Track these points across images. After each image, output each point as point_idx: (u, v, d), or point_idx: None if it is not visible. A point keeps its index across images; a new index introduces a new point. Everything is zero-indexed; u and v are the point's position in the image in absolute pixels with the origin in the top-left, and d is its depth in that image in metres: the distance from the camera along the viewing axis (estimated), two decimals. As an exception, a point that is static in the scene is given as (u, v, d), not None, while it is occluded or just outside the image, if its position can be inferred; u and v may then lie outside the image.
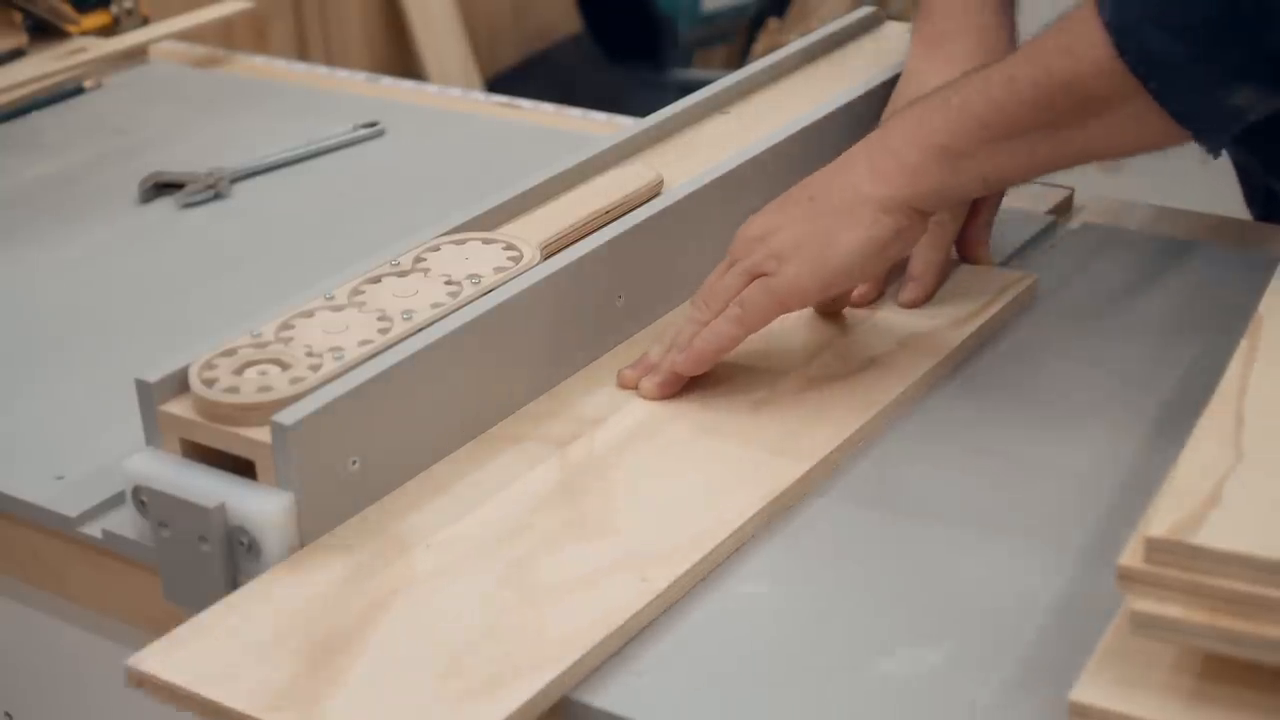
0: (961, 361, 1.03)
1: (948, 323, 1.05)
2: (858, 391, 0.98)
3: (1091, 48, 0.89)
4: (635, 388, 0.99)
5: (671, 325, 1.02)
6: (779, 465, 0.91)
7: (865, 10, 1.43)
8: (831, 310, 1.06)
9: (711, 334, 0.97)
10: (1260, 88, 0.87)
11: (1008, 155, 0.95)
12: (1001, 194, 1.12)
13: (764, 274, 0.97)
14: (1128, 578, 0.69)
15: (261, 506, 0.83)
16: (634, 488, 0.90)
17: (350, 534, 0.86)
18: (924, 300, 1.07)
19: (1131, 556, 0.69)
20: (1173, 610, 0.68)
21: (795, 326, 1.04)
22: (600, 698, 0.76)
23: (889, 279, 1.08)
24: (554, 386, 0.99)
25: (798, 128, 1.16)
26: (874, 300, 1.07)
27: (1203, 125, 0.90)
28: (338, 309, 0.94)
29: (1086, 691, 0.70)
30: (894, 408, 0.97)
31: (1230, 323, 1.03)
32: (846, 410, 0.96)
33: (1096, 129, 0.92)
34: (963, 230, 1.11)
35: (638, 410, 0.97)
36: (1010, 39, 1.13)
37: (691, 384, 0.98)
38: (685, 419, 0.96)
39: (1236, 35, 0.86)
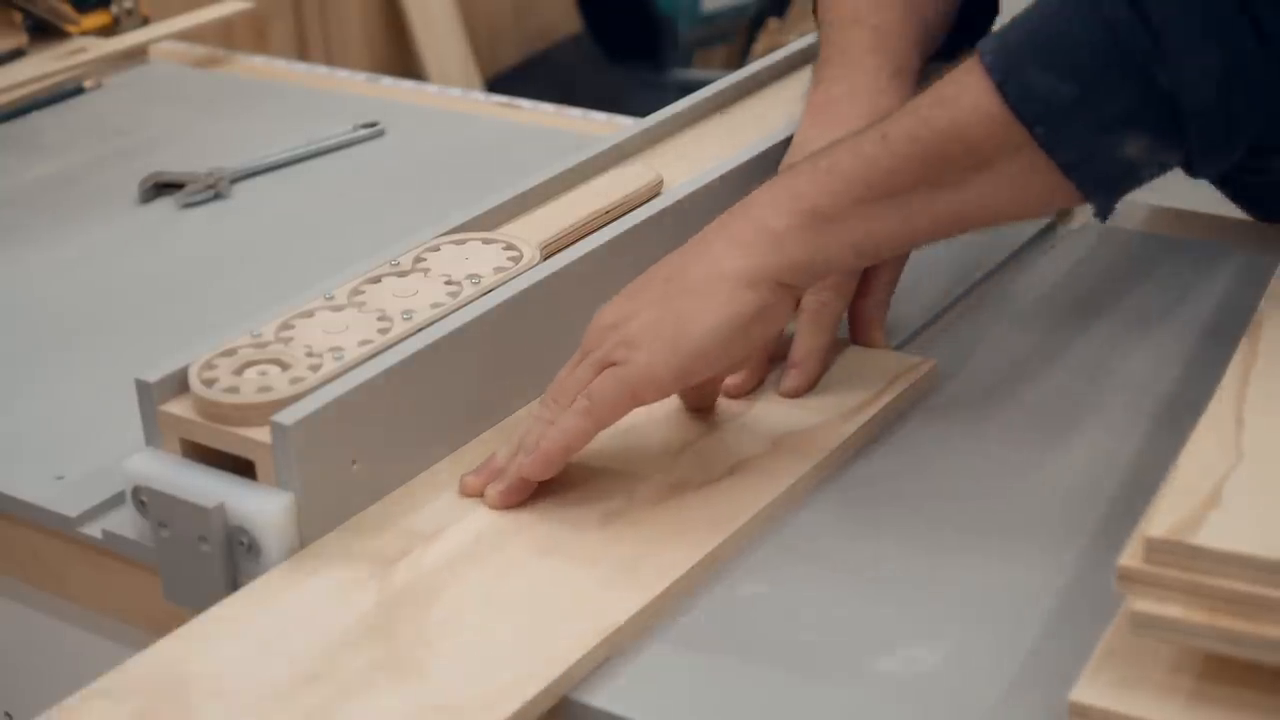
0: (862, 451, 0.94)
1: (832, 416, 0.94)
2: (719, 502, 0.88)
3: (973, 94, 0.84)
4: (480, 495, 0.88)
5: (521, 422, 0.92)
6: (615, 598, 0.80)
7: (865, 10, 1.43)
8: (700, 404, 0.95)
9: (559, 431, 0.86)
10: (1152, 135, 0.83)
11: (880, 220, 0.87)
12: (899, 268, 1.01)
13: (614, 363, 0.87)
14: (1127, 578, 0.69)
15: (261, 506, 0.83)
16: (454, 622, 0.79)
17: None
18: (806, 389, 0.96)
19: (1131, 556, 0.69)
20: (1172, 610, 0.68)
21: (659, 423, 0.94)
22: (600, 698, 0.76)
23: (769, 366, 0.98)
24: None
25: (797, 127, 1.15)
26: (751, 391, 0.97)
27: (1091, 178, 0.84)
28: (338, 309, 0.94)
29: (1086, 692, 0.70)
30: (758, 523, 0.87)
31: (1230, 323, 1.04)
32: (704, 526, 0.86)
33: (978, 187, 0.85)
34: (854, 308, 1.00)
35: (478, 521, 0.86)
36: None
37: (542, 490, 0.88)
38: (527, 533, 0.86)
39: (1126, 74, 0.81)
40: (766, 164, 1.12)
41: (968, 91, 0.84)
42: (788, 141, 1.14)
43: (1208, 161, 0.84)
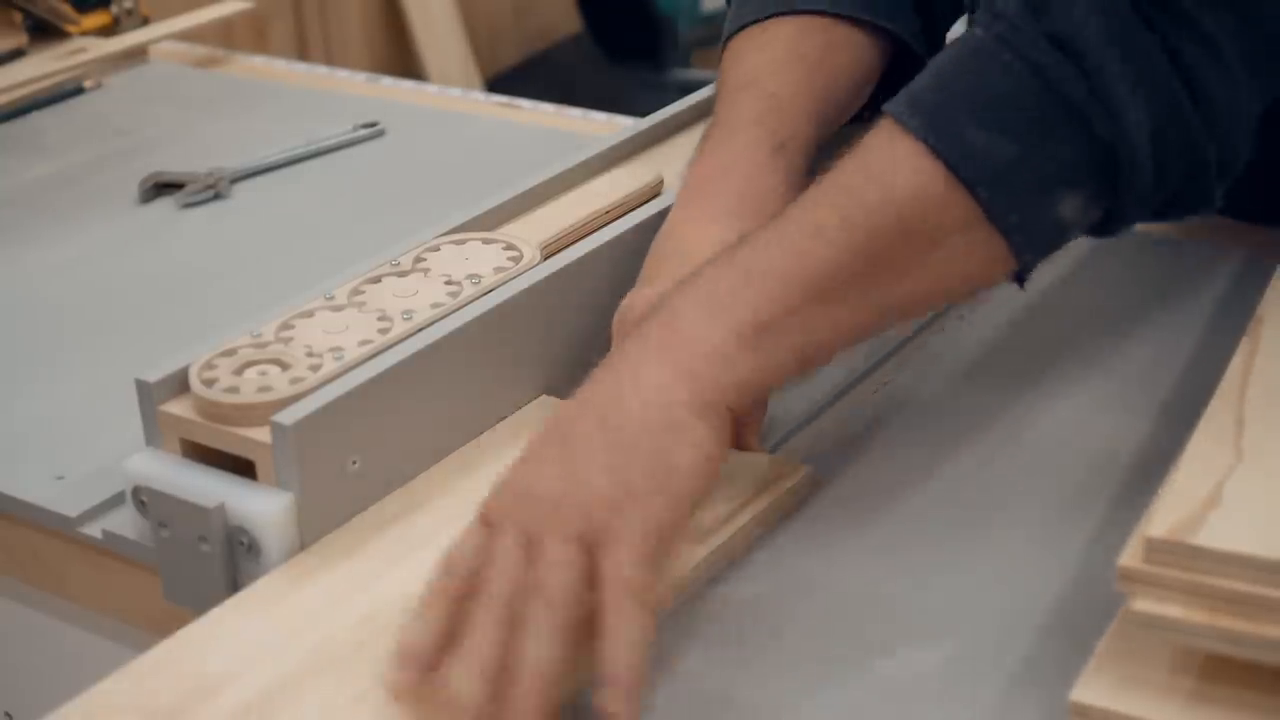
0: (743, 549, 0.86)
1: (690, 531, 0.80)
2: None
3: (907, 162, 0.78)
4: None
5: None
6: None
7: (865, 10, 1.43)
8: None
9: (633, 646, 0.71)
10: (1089, 190, 0.80)
11: (827, 320, 0.79)
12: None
13: (605, 535, 0.73)
14: (1128, 578, 0.69)
15: (261, 506, 0.83)
16: None
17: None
18: None
19: (1131, 556, 0.69)
20: (1172, 610, 0.68)
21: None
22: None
23: None
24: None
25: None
26: None
27: (1029, 242, 0.80)
28: (338, 309, 0.94)
29: (1086, 691, 0.70)
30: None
31: (1230, 322, 1.04)
32: None
33: (926, 268, 0.79)
34: None
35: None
36: (788, 184, 0.94)
37: None
38: None
39: (1066, 124, 0.78)
40: (766, 164, 1.12)
41: (900, 160, 0.78)
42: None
43: (1131, 217, 0.83)
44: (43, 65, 1.55)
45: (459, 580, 0.74)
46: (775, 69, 0.98)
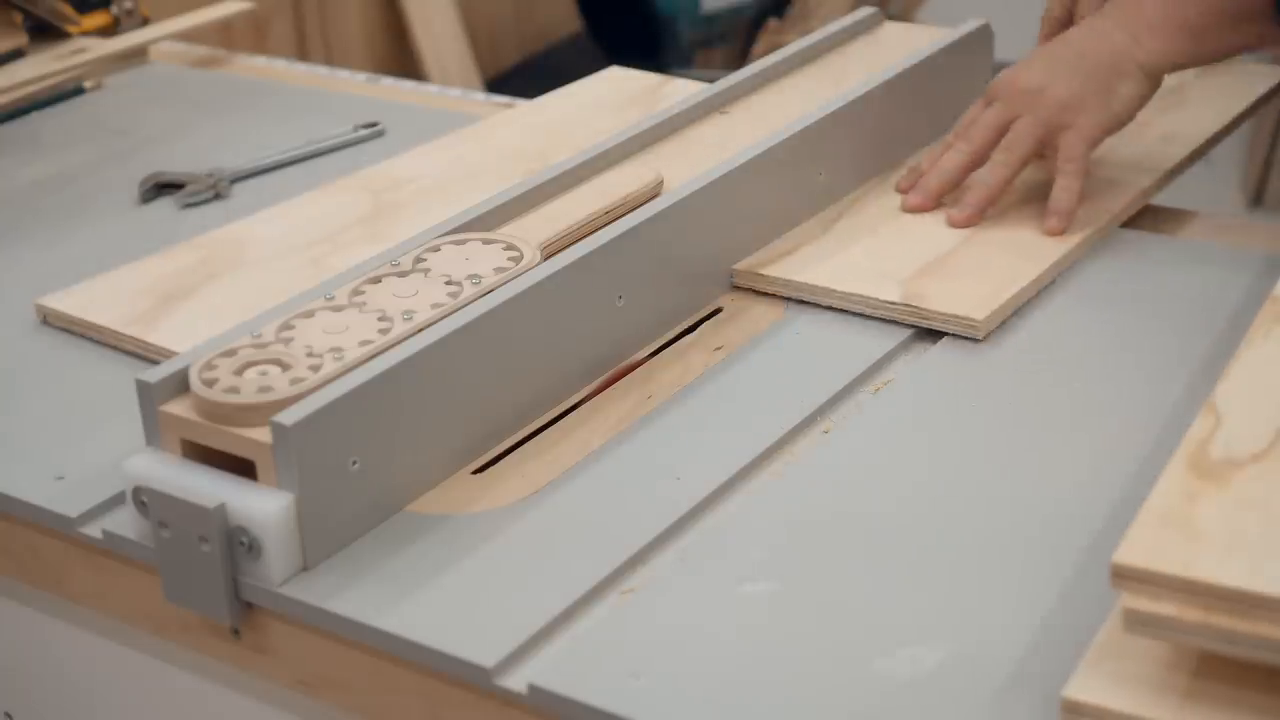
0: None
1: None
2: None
3: None
4: (912, 210, 1.16)
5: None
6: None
7: (865, 11, 1.43)
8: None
9: (1071, 193, 1.13)
10: None
11: (1235, 34, 1.11)
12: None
13: (1063, 126, 1.13)
14: (1122, 575, 0.69)
15: (261, 506, 0.83)
16: None
17: None
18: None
19: (1126, 554, 0.69)
20: (1166, 608, 0.68)
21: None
22: (600, 698, 0.77)
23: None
24: (555, 387, 0.99)
25: (798, 128, 1.16)
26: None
27: None
28: (338, 309, 0.94)
29: (1080, 689, 0.70)
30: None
31: (1230, 323, 1.04)
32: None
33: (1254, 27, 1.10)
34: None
35: None
36: None
37: None
38: None
39: None
40: (767, 164, 1.12)
41: None
42: (788, 141, 1.14)
43: None
44: (43, 65, 1.55)
45: (957, 136, 1.18)
46: None
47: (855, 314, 1.08)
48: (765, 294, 1.11)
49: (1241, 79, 1.36)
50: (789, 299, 1.10)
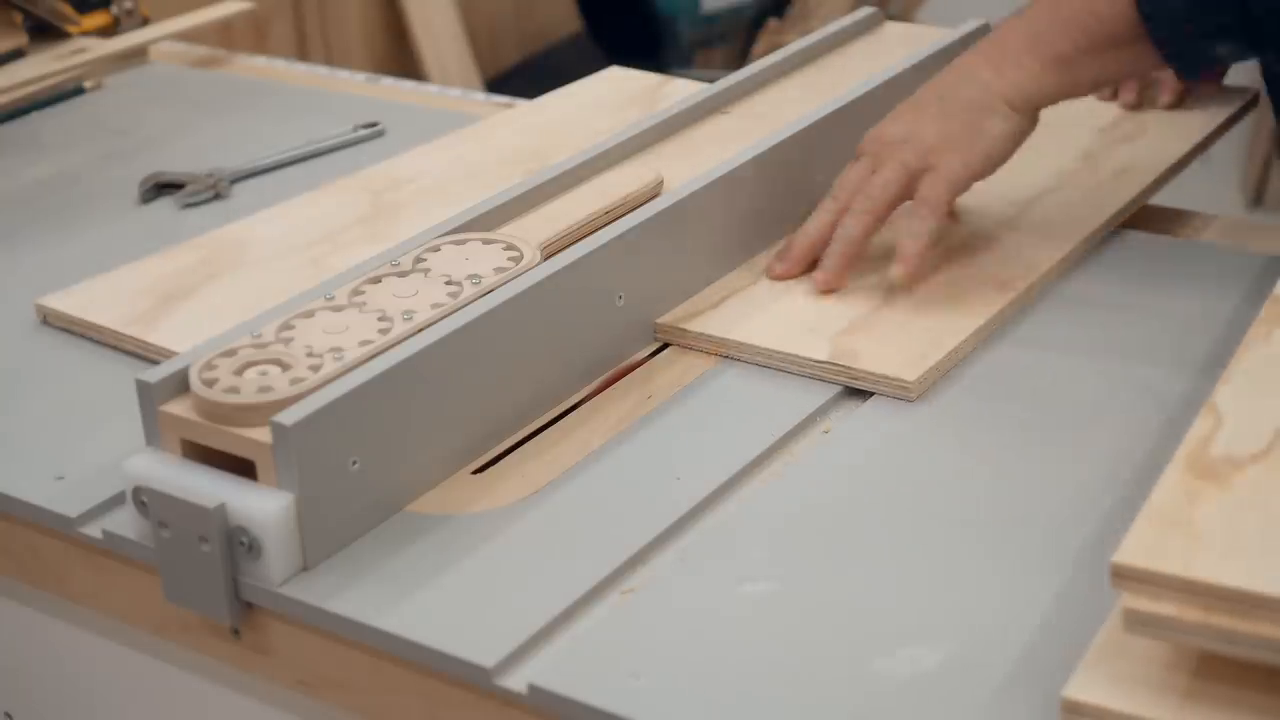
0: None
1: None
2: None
3: None
4: (780, 278, 1.09)
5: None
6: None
7: (865, 11, 1.43)
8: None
9: (918, 236, 1.06)
10: (1238, 45, 1.02)
11: (1101, 63, 1.06)
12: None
13: (926, 169, 1.06)
14: (1122, 575, 0.69)
15: (261, 506, 0.83)
16: None
17: None
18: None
19: (1126, 554, 0.69)
20: (1166, 608, 0.68)
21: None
22: (600, 698, 0.77)
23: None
24: (554, 387, 0.99)
25: (798, 128, 1.16)
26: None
27: (1186, 67, 1.05)
28: (338, 309, 0.94)
29: (1080, 689, 0.70)
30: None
31: (1230, 323, 1.04)
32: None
33: (1122, 55, 1.05)
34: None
35: None
36: None
37: None
38: None
39: (1229, 1, 1.00)
40: (767, 164, 1.12)
41: None
42: (788, 141, 1.14)
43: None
44: (43, 65, 1.55)
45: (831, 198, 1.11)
46: None
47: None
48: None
49: (1203, 104, 1.32)
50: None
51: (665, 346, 1.05)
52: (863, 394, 1.00)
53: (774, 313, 1.06)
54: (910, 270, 1.06)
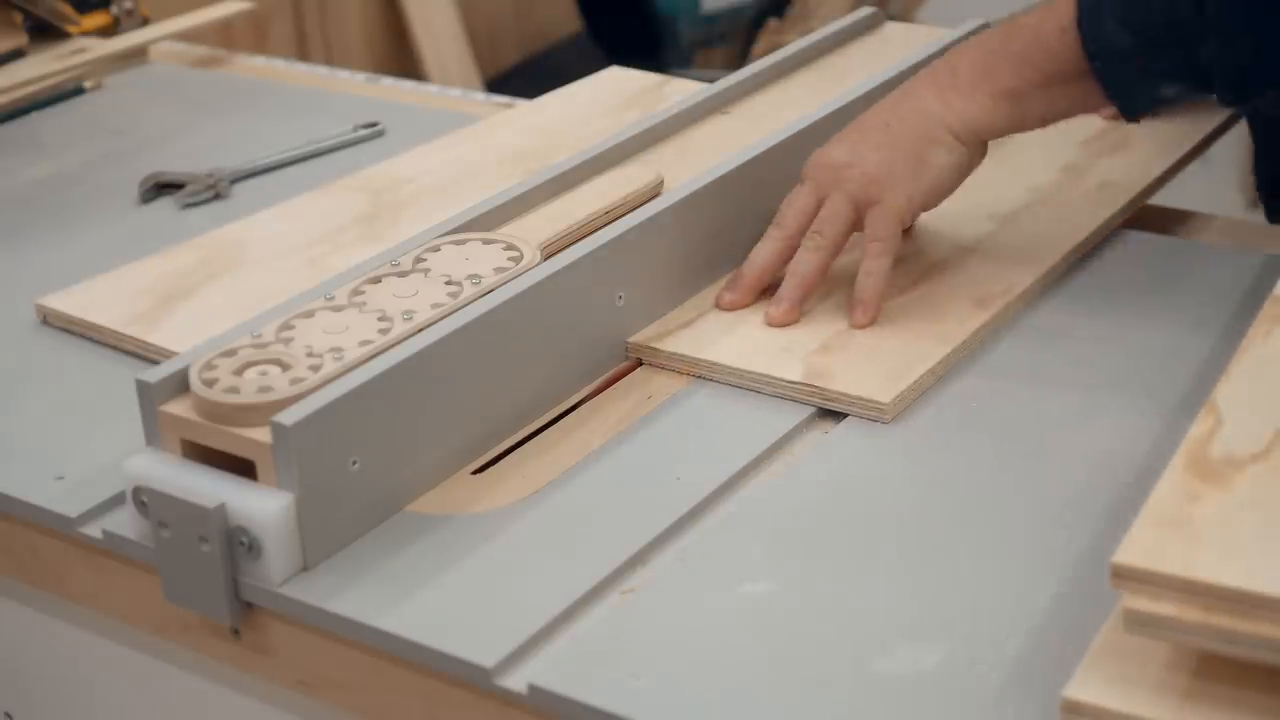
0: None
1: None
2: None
3: (1060, 17, 1.01)
4: (731, 308, 1.06)
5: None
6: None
7: (865, 11, 1.43)
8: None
9: (877, 279, 1.04)
10: (1184, 86, 1.01)
11: (1051, 98, 1.04)
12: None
13: (871, 201, 1.04)
14: (1122, 575, 0.69)
15: (261, 506, 0.83)
16: None
17: None
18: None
19: (1126, 554, 0.69)
20: (1166, 608, 0.68)
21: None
22: (600, 698, 0.77)
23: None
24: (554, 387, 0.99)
25: (798, 128, 1.16)
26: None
27: (1131, 106, 1.03)
28: (338, 309, 0.94)
29: (1080, 689, 0.70)
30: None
31: (1230, 323, 1.04)
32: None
33: (1071, 91, 1.03)
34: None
35: None
36: None
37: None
38: None
39: (1176, 43, 0.98)
40: (767, 164, 1.12)
41: (1060, 11, 1.02)
42: (788, 141, 1.14)
43: (1232, 105, 1.08)
44: (43, 65, 1.55)
45: (773, 224, 1.08)
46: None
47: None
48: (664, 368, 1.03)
49: (1190, 114, 1.28)
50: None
51: (640, 364, 1.03)
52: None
53: (743, 335, 1.04)
54: (871, 315, 1.04)
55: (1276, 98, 1.00)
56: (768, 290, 1.07)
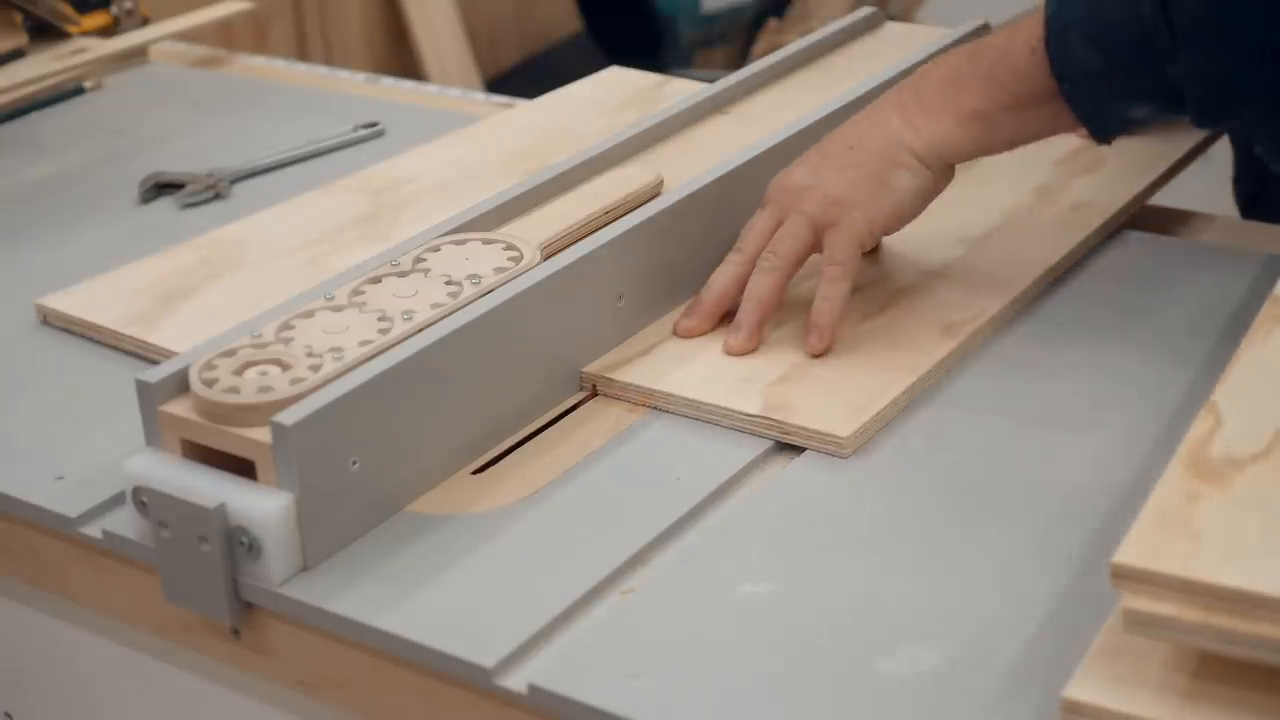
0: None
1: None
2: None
3: (1028, 36, 0.99)
4: (688, 335, 1.04)
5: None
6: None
7: (865, 11, 1.43)
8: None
9: (833, 303, 1.01)
10: (1155, 107, 0.98)
11: (1020, 120, 1.01)
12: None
13: (830, 223, 1.02)
14: (1122, 575, 0.69)
15: (261, 506, 0.83)
16: None
17: None
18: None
19: (1126, 554, 0.69)
20: (1166, 608, 0.68)
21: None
22: (600, 698, 0.77)
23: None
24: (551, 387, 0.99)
25: (798, 128, 1.16)
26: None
27: (1101, 128, 1.00)
28: (338, 309, 0.94)
29: (1080, 689, 0.70)
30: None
31: (1230, 323, 1.04)
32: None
33: (1041, 113, 1.00)
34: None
35: None
36: None
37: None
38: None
39: (1145, 62, 0.95)
40: (767, 164, 1.12)
41: (1027, 30, 0.99)
42: (788, 141, 1.14)
43: (1205, 125, 1.01)
44: (43, 65, 1.55)
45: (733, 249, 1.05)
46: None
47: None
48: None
49: (1166, 133, 1.25)
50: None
51: (595, 394, 1.01)
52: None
53: (705, 362, 1.01)
54: (827, 342, 1.01)
55: (1248, 119, 0.98)
56: (727, 317, 1.04)
